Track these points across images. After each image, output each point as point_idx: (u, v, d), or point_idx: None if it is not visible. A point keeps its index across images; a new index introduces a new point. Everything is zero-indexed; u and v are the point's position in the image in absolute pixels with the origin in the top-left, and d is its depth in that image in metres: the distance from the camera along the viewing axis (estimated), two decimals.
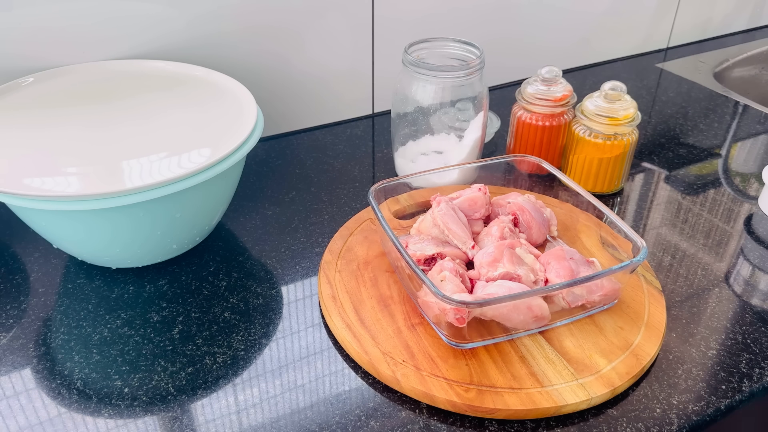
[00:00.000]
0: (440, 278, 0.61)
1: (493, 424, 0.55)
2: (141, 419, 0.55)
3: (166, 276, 0.70)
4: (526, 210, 0.71)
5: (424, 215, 0.71)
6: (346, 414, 0.56)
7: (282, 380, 0.59)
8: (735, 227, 0.80)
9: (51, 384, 0.58)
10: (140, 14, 0.80)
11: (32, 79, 0.75)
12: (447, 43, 0.81)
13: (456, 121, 0.81)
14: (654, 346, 0.60)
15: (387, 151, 0.94)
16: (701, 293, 0.70)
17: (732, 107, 1.10)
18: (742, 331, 0.65)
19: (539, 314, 0.59)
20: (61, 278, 0.70)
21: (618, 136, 0.80)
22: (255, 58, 0.90)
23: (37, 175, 0.60)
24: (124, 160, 0.62)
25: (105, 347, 0.62)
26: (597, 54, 1.23)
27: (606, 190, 0.85)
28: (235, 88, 0.75)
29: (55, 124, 0.67)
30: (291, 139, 0.97)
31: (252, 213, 0.81)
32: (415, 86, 0.78)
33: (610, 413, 0.56)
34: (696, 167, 0.93)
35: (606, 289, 0.62)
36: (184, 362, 0.60)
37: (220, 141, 0.65)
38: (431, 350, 0.59)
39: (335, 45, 0.95)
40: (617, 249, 0.68)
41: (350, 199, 0.84)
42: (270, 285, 0.70)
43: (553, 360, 0.59)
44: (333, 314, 0.63)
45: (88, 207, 0.58)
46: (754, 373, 0.60)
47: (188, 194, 0.62)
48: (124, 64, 0.80)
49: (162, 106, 0.72)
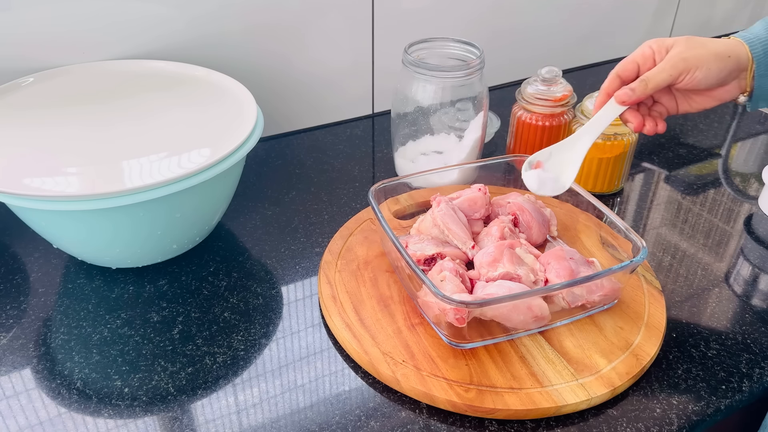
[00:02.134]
0: (440, 278, 0.61)
1: (493, 424, 0.55)
2: (141, 419, 0.55)
3: (166, 276, 0.70)
4: (526, 210, 0.71)
5: (424, 215, 0.71)
6: (346, 414, 0.56)
7: (282, 380, 0.59)
8: (735, 227, 0.80)
9: (51, 384, 0.58)
10: (140, 15, 0.80)
11: (32, 79, 0.75)
12: (447, 43, 0.81)
13: (456, 121, 0.81)
14: (654, 346, 0.60)
15: (387, 151, 0.94)
16: (701, 293, 0.70)
17: (732, 107, 1.10)
18: (742, 331, 0.65)
19: (539, 314, 0.59)
20: (61, 278, 0.70)
21: (618, 136, 0.80)
22: (255, 58, 0.90)
23: (37, 175, 0.60)
24: (124, 160, 0.62)
25: (105, 347, 0.62)
26: (597, 54, 1.23)
27: (606, 190, 0.85)
28: (235, 88, 0.75)
29: (55, 124, 0.67)
30: (291, 139, 0.97)
31: (252, 213, 0.81)
32: (415, 86, 0.78)
33: (610, 413, 0.56)
34: (696, 167, 0.93)
35: (606, 289, 0.62)
36: (184, 362, 0.60)
37: (220, 141, 0.65)
38: (431, 350, 0.59)
39: (335, 45, 0.95)
40: (617, 249, 0.68)
41: (350, 199, 0.84)
42: (270, 285, 0.70)
43: (553, 360, 0.59)
44: (333, 314, 0.63)
45: (88, 207, 0.58)
46: (754, 373, 0.60)
47: (188, 194, 0.62)
48: (124, 64, 0.80)
49: (162, 106, 0.72)
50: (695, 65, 0.61)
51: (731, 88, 0.64)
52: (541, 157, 0.67)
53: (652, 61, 0.64)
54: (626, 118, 0.65)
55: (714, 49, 0.62)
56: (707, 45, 0.62)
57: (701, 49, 0.62)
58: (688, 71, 0.62)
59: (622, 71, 0.65)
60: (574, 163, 0.67)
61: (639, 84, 0.63)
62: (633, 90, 0.63)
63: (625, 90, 0.63)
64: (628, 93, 0.63)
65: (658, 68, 0.62)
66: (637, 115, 0.65)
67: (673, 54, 0.62)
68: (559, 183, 0.67)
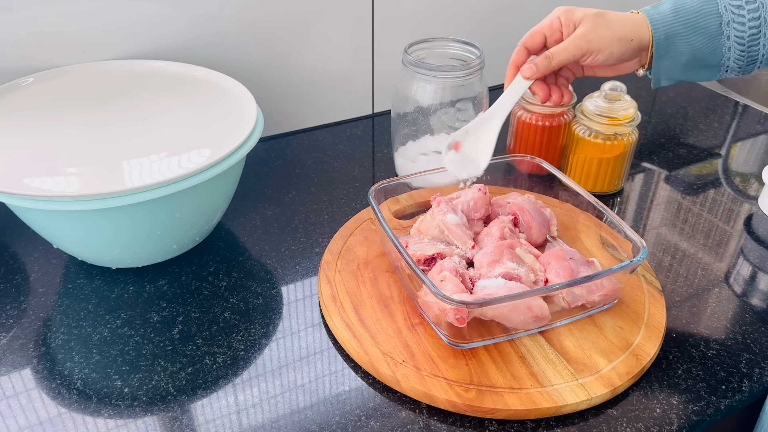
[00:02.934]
0: (440, 278, 0.61)
1: (493, 424, 0.55)
2: (141, 419, 0.55)
3: (166, 276, 0.70)
4: (526, 210, 0.71)
5: (424, 215, 0.71)
6: (346, 414, 0.56)
7: (282, 380, 0.59)
8: (735, 227, 0.80)
9: (51, 384, 0.58)
10: (140, 15, 0.80)
11: (32, 79, 0.75)
12: (447, 43, 0.81)
13: (456, 121, 0.81)
14: (654, 346, 0.60)
15: (387, 151, 0.94)
16: (701, 293, 0.70)
17: (732, 107, 1.10)
18: (742, 331, 0.65)
19: (539, 314, 0.59)
20: (61, 278, 0.70)
21: (618, 136, 0.80)
22: (255, 58, 0.90)
23: (37, 175, 0.60)
24: (124, 160, 0.62)
25: (105, 347, 0.62)
26: None
27: (606, 190, 0.85)
28: (235, 88, 0.75)
29: (55, 124, 0.67)
30: (291, 139, 0.97)
31: (252, 213, 0.81)
32: (415, 86, 0.78)
33: (610, 413, 0.56)
34: (696, 167, 0.93)
35: (606, 289, 0.62)
36: (184, 362, 0.60)
37: (220, 141, 0.65)
38: (431, 350, 0.59)
39: (335, 45, 0.95)
40: (617, 249, 0.68)
41: (350, 199, 0.84)
42: (270, 285, 0.70)
43: (553, 360, 0.59)
44: (333, 314, 0.63)
45: (88, 207, 0.58)
46: (754, 373, 0.60)
47: (188, 194, 0.62)
48: (124, 64, 0.80)
49: (162, 106, 0.72)
50: (598, 48, 0.64)
51: (632, 63, 0.67)
52: (459, 137, 0.70)
53: (559, 33, 0.66)
54: (533, 90, 0.68)
55: (619, 31, 0.64)
56: (612, 26, 0.64)
57: (605, 31, 0.63)
58: (590, 53, 0.64)
59: (529, 42, 0.67)
60: (489, 144, 0.69)
61: (543, 60, 0.65)
62: (537, 66, 0.65)
63: (529, 65, 0.66)
64: (532, 69, 0.66)
65: (562, 47, 0.65)
66: (544, 86, 0.68)
67: (578, 34, 0.64)
68: (477, 167, 0.70)
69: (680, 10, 0.63)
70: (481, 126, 0.69)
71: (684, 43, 0.63)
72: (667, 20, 0.63)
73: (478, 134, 0.70)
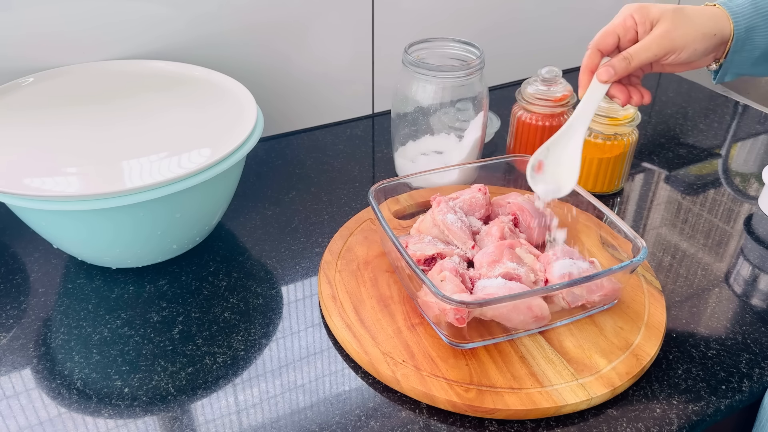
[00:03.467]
0: (440, 278, 0.61)
1: (493, 424, 0.55)
2: (141, 419, 0.55)
3: (166, 276, 0.70)
4: (526, 210, 0.71)
5: (424, 215, 0.71)
6: (346, 414, 0.56)
7: (282, 380, 0.59)
8: (735, 227, 0.80)
9: (51, 384, 0.58)
10: (140, 15, 0.80)
11: (32, 79, 0.75)
12: (447, 43, 0.81)
13: (456, 121, 0.81)
14: (654, 346, 0.60)
15: (387, 151, 0.94)
16: (701, 293, 0.70)
17: (732, 107, 1.10)
18: (742, 331, 0.65)
19: (539, 314, 0.59)
20: (61, 278, 0.70)
21: (618, 136, 0.80)
22: (255, 58, 0.90)
23: (37, 175, 0.60)
24: (124, 160, 0.62)
25: (105, 347, 0.62)
26: None
27: (606, 190, 0.85)
28: (235, 88, 0.75)
29: (55, 124, 0.67)
30: (291, 139, 0.97)
31: (252, 213, 0.81)
32: (415, 86, 0.78)
33: (610, 413, 0.56)
34: (696, 167, 0.93)
35: (606, 289, 0.61)
36: (184, 362, 0.60)
37: (220, 141, 0.65)
38: (431, 350, 0.59)
39: (335, 45, 0.95)
40: (617, 249, 0.68)
41: (350, 199, 0.84)
42: (270, 285, 0.70)
43: (553, 360, 0.59)
44: (333, 314, 0.63)
45: (88, 207, 0.58)
46: (754, 373, 0.60)
47: (188, 194, 0.62)
48: (124, 64, 0.80)
49: (162, 106, 0.72)
50: (682, 46, 0.60)
51: (708, 59, 0.63)
52: (541, 156, 0.66)
53: (634, 32, 0.61)
54: (612, 93, 0.64)
55: (702, 28, 0.60)
56: (695, 22, 0.60)
57: (688, 28, 0.60)
58: (674, 51, 0.60)
59: (602, 44, 0.62)
60: (573, 159, 0.64)
61: (621, 62, 0.61)
62: (614, 68, 0.61)
63: (606, 68, 0.61)
64: (609, 72, 0.61)
65: (643, 46, 0.60)
66: (623, 89, 0.64)
67: (660, 33, 0.60)
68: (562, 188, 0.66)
69: (758, 3, 0.60)
70: (562, 140, 0.65)
71: (762, 37, 0.60)
72: (748, 13, 0.60)
73: (560, 148, 0.65)
